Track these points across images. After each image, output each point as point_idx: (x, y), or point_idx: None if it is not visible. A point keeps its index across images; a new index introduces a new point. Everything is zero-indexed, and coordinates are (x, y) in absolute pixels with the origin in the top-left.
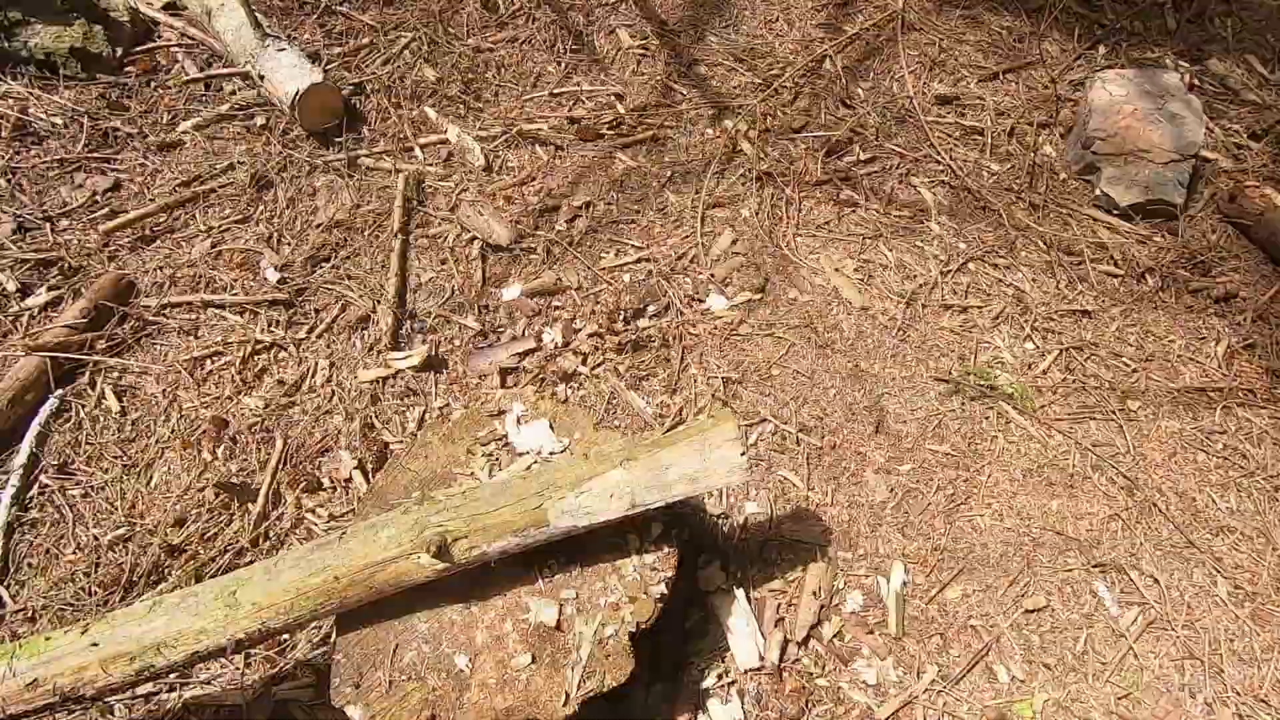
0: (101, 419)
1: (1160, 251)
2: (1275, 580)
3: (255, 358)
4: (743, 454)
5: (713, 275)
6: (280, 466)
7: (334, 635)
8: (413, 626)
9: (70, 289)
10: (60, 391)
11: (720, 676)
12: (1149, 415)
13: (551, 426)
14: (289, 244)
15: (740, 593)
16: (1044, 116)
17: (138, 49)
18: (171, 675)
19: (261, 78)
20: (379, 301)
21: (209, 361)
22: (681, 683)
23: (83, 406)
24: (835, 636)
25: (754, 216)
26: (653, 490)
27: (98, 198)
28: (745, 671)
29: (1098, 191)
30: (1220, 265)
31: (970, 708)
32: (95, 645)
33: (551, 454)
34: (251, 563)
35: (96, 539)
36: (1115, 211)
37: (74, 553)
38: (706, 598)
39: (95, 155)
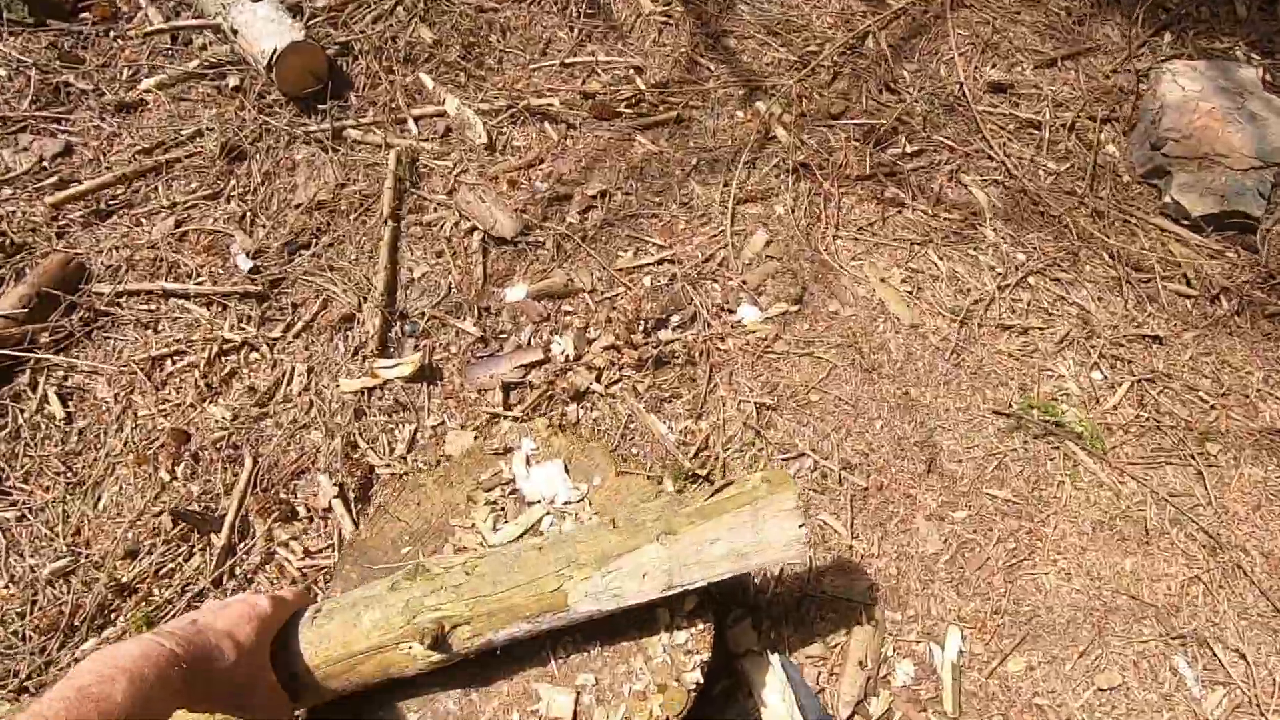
0: (43, 427)
1: (1234, 269)
2: None
3: (223, 359)
4: (802, 526)
5: (744, 282)
6: (249, 490)
7: None
8: (399, 719)
9: (11, 269)
10: None
11: None
12: (1229, 460)
13: (567, 468)
14: (264, 226)
15: (776, 659)
16: (1105, 110)
17: None
18: None
19: (235, 32)
20: (365, 298)
21: (169, 361)
22: None
23: (21, 412)
24: (884, 714)
25: (789, 214)
26: (694, 569)
27: (45, 164)
28: None
29: (1166, 199)
30: None
31: None
32: None
33: (566, 503)
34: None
35: (33, 571)
36: (1185, 222)
37: (5, 587)
38: (736, 661)
39: (43, 114)
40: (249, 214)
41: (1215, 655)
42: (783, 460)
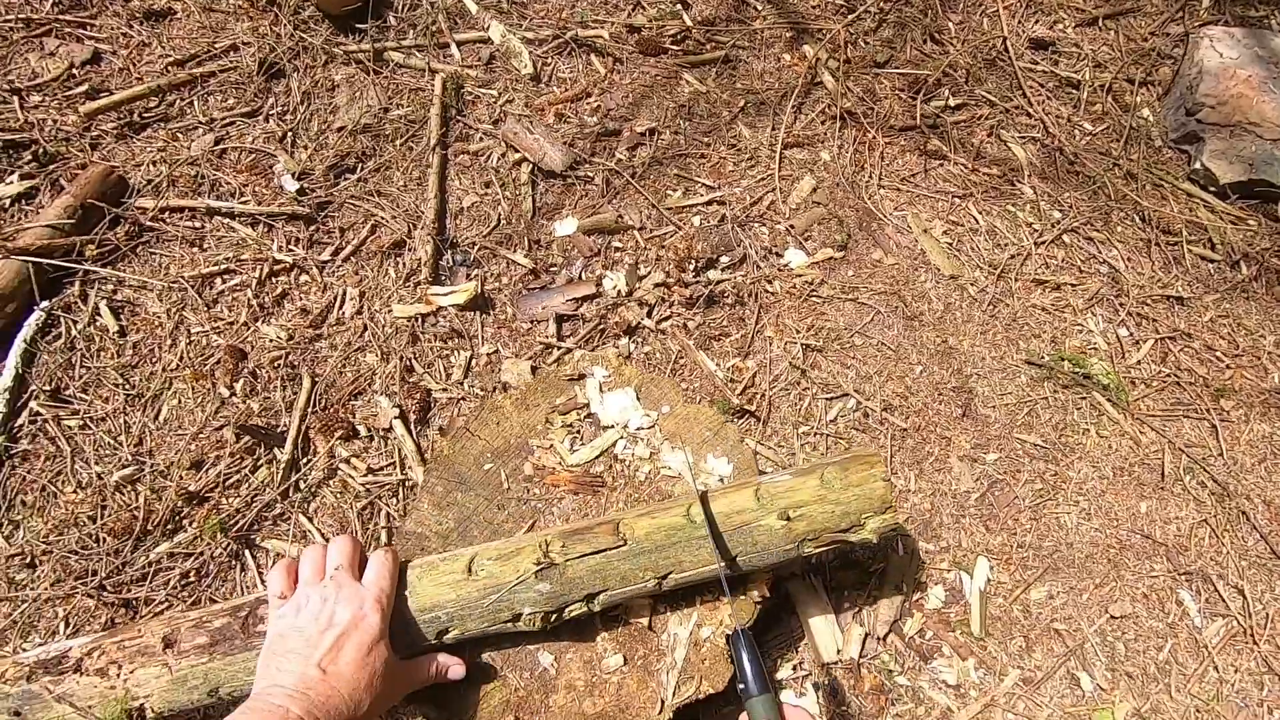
0: (97, 339)
1: (1255, 237)
2: None
3: (273, 279)
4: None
5: (791, 226)
6: (309, 408)
7: None
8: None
9: (46, 179)
10: (46, 304)
11: (796, 668)
12: (1240, 416)
13: (638, 396)
14: (305, 148)
15: (818, 580)
16: (1143, 73)
17: None
18: None
19: None
20: (415, 225)
21: (219, 280)
22: None
23: (74, 323)
24: (916, 633)
25: (834, 161)
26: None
27: (74, 71)
28: (823, 665)
29: (1196, 165)
30: None
31: (1051, 714)
32: None
33: (639, 429)
34: (282, 517)
35: (100, 478)
36: (1212, 189)
37: (74, 491)
38: (782, 584)
39: (68, 17)
40: (290, 134)
41: (1217, 591)
42: (826, 400)
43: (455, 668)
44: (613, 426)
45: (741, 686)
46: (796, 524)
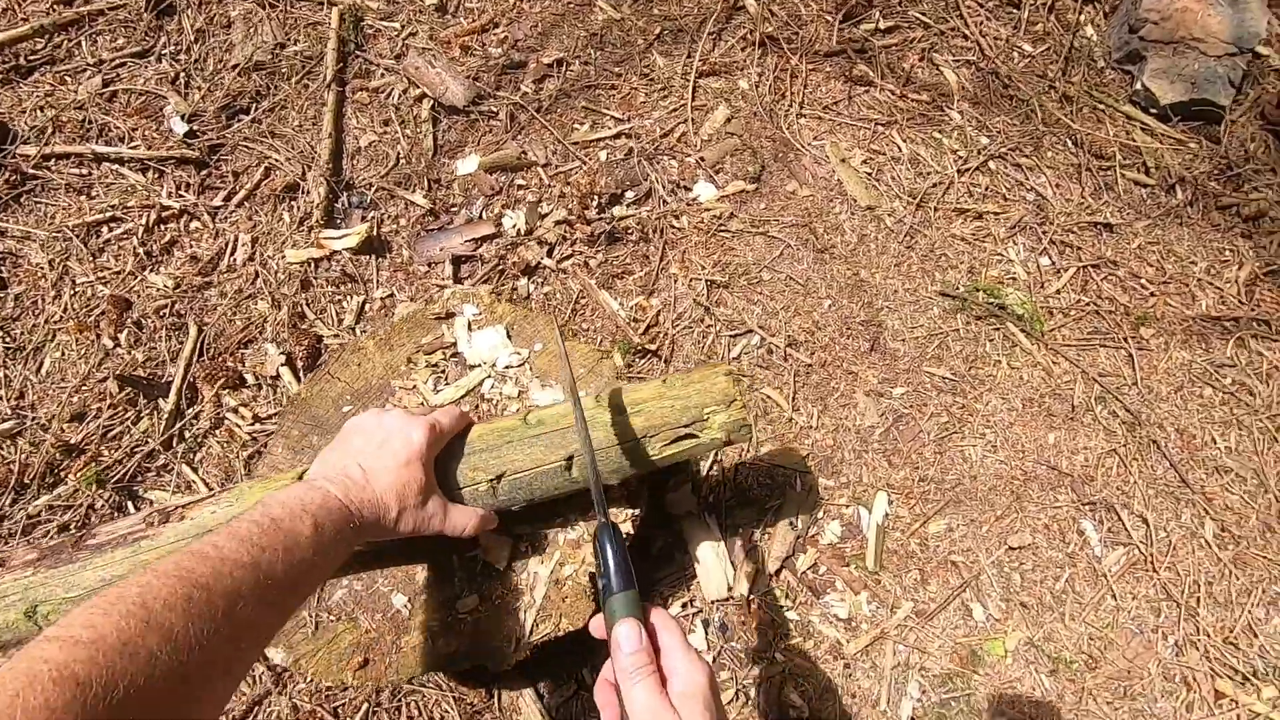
0: None
1: (1194, 160)
2: (1262, 524)
3: (162, 227)
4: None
5: (702, 159)
6: (195, 358)
7: None
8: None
9: None
10: None
11: (685, 606)
12: (1160, 345)
13: (509, 334)
14: (199, 89)
15: (712, 519)
16: None
17: None
18: None
19: None
20: (310, 167)
21: (105, 228)
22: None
23: None
24: (809, 569)
25: (753, 90)
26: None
27: None
28: (712, 602)
29: (1138, 85)
30: (1255, 180)
31: (942, 644)
32: None
33: (508, 367)
34: (165, 468)
35: None
36: (1153, 110)
37: None
38: (675, 522)
39: None
40: (182, 75)
41: (1120, 520)
42: (730, 336)
43: (476, 524)
44: (480, 365)
45: (604, 583)
46: (634, 419)
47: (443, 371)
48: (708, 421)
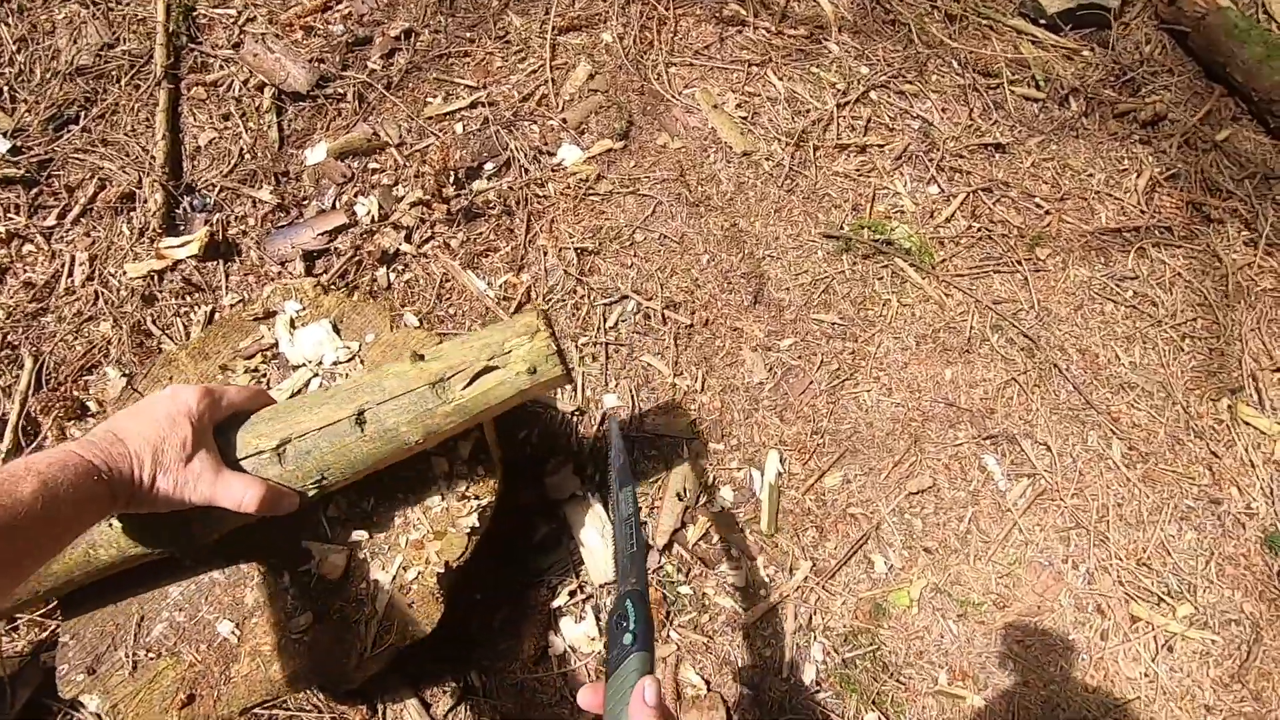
0: None
1: (1087, 69)
2: (1170, 438)
3: None
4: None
5: (564, 121)
6: (31, 391)
7: (59, 618)
8: (164, 593)
9: None
10: None
11: (573, 594)
12: (1058, 264)
13: (336, 328)
14: (24, 101)
15: (596, 499)
16: None
17: None
18: None
19: None
20: (145, 173)
21: None
22: (530, 603)
23: None
24: (701, 539)
25: (618, 43)
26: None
27: None
28: (601, 586)
29: None
30: (1151, 83)
31: (845, 601)
32: None
33: (335, 364)
34: None
35: None
36: (1042, 21)
37: None
38: (559, 507)
39: None
40: (6, 88)
41: (1023, 450)
42: (605, 305)
43: (259, 495)
44: (304, 365)
45: (628, 639)
46: (431, 364)
47: (263, 376)
48: (509, 354)
